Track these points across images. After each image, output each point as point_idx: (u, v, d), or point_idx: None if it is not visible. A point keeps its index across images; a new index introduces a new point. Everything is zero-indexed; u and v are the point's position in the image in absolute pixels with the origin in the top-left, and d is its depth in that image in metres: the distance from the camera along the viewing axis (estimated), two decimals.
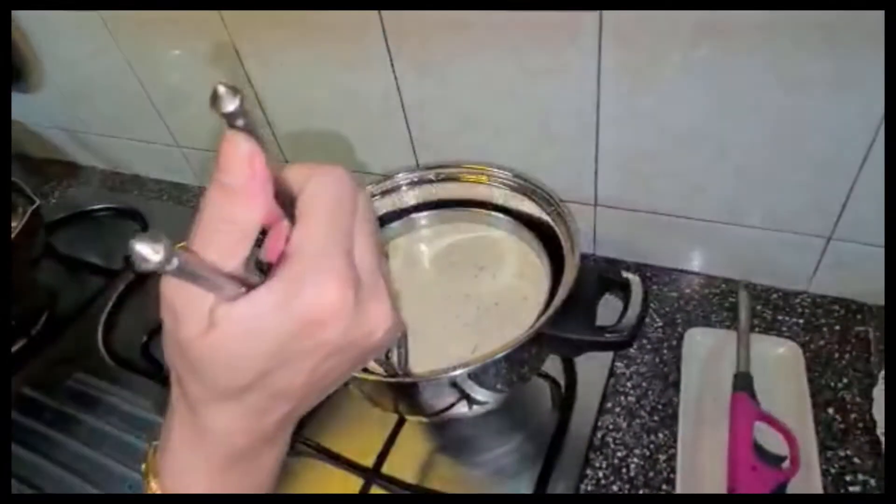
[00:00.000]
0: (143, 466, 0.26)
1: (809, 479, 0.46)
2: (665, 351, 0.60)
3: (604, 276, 0.45)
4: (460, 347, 0.46)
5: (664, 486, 0.50)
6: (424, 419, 0.48)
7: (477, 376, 0.42)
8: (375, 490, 0.51)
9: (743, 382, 0.51)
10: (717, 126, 0.53)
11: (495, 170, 0.55)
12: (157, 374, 0.67)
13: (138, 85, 0.84)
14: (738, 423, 0.49)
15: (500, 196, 0.55)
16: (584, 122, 0.58)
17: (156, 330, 0.68)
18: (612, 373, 0.58)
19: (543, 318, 0.42)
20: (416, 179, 0.57)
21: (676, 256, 0.66)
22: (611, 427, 0.54)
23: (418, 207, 0.59)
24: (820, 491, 0.46)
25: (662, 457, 0.52)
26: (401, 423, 0.52)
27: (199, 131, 0.87)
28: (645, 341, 0.61)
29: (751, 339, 0.57)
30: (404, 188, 0.58)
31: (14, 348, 0.74)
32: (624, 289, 0.44)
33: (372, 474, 0.50)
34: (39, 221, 0.75)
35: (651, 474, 0.51)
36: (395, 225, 0.58)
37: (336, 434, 0.57)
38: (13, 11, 0.87)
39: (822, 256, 0.58)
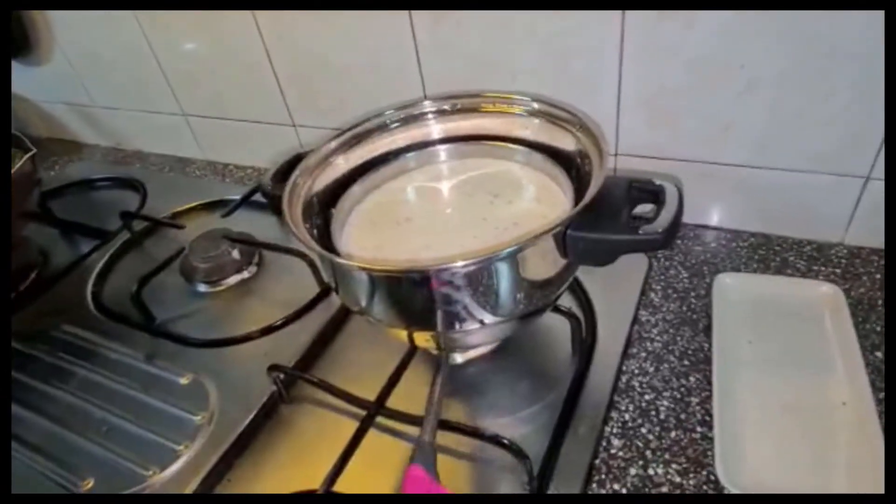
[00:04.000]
0: None
1: (866, 423, 0.42)
2: (693, 300, 0.56)
3: (635, 185, 0.42)
4: None
5: (699, 428, 0.45)
6: (432, 336, 0.43)
7: (493, 277, 0.38)
8: (375, 431, 0.46)
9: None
10: (747, 54, 0.51)
11: (514, 96, 0.52)
12: (147, 324, 0.62)
13: (148, 48, 0.83)
14: None
15: (519, 124, 0.52)
16: (606, 58, 0.56)
17: (147, 277, 0.64)
18: (635, 320, 0.54)
19: (569, 215, 0.38)
20: (434, 109, 0.55)
21: (703, 210, 0.63)
22: (637, 371, 0.50)
23: (435, 142, 0.56)
24: (879, 431, 0.41)
25: (695, 399, 0.47)
26: (410, 354, 0.48)
27: (205, 98, 0.86)
28: (670, 291, 0.57)
29: (785, 282, 0.53)
30: (422, 120, 0.55)
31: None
32: (657, 199, 0.41)
33: (374, 406, 0.45)
34: (34, 171, 0.72)
35: (683, 416, 0.46)
36: (412, 156, 0.55)
37: (343, 377, 0.52)
38: None
39: (859, 200, 0.55)
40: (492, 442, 0.42)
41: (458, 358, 0.53)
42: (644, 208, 0.42)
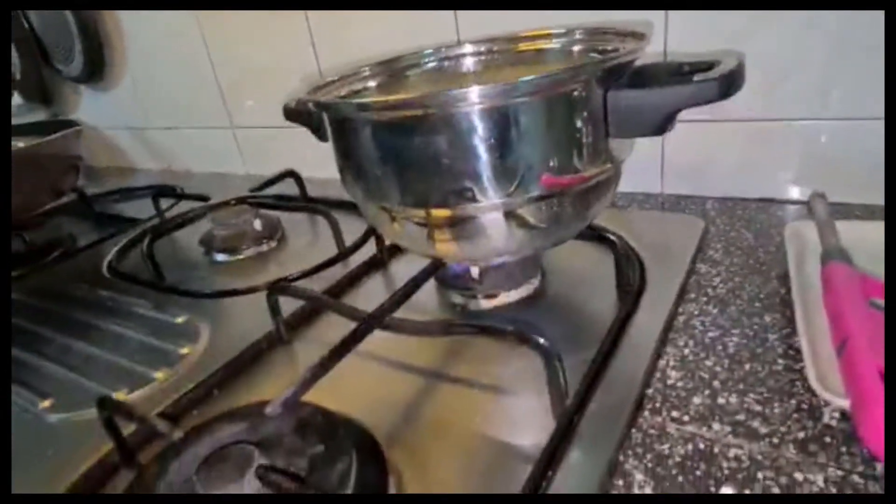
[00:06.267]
0: None
1: None
2: (761, 254, 0.48)
3: (687, 66, 0.37)
4: None
5: (779, 360, 0.36)
6: (445, 213, 0.37)
7: (514, 128, 0.33)
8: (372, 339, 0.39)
9: (837, 253, 0.40)
10: None
11: (551, 31, 0.50)
12: (156, 282, 0.59)
13: (206, 56, 0.87)
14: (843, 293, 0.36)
15: (557, 63, 0.50)
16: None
17: (160, 233, 0.61)
18: (692, 272, 0.47)
19: (602, 58, 0.34)
20: (474, 51, 0.53)
21: (767, 180, 0.56)
22: (697, 313, 0.41)
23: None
24: None
25: (773, 336, 0.38)
26: (435, 266, 0.41)
27: (253, 109, 0.88)
28: (733, 248, 0.49)
29: (872, 227, 0.45)
30: (458, 63, 0.53)
31: (17, 273, 0.68)
32: (710, 68, 0.36)
33: (378, 312, 0.38)
34: (76, 147, 0.73)
35: (760, 350, 0.37)
36: None
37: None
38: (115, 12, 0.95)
39: None
40: (514, 337, 0.34)
41: (484, 304, 0.46)
42: None
